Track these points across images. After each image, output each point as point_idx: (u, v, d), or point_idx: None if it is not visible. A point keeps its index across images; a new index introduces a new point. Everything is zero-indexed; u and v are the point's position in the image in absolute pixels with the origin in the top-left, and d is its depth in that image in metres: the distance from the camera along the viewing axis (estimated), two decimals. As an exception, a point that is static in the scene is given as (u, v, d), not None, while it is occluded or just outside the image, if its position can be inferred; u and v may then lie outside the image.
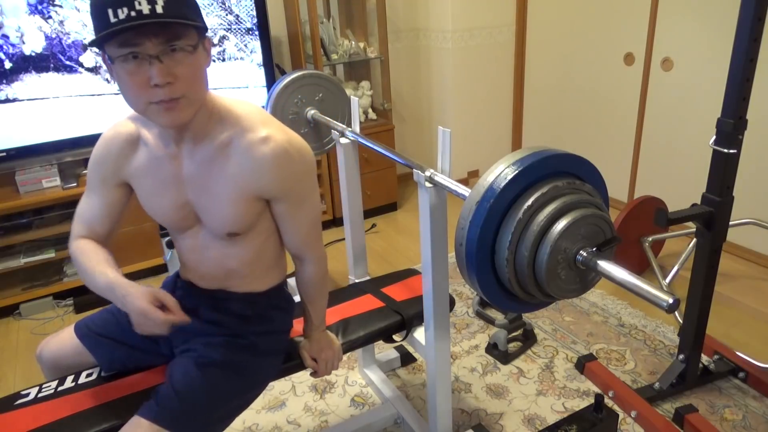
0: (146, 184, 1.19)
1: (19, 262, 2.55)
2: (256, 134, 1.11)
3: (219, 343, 1.24)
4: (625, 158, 3.21)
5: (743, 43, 1.51)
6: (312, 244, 1.29)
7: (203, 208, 1.17)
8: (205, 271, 1.27)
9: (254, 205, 1.16)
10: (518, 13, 3.60)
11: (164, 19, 0.94)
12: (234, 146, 1.11)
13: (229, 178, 1.12)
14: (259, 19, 2.86)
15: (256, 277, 1.29)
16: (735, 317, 2.36)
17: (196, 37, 1.02)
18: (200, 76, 1.05)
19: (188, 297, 1.28)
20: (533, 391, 1.99)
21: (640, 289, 0.94)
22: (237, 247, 1.22)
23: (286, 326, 1.40)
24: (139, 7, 0.93)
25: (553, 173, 1.04)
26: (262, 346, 1.30)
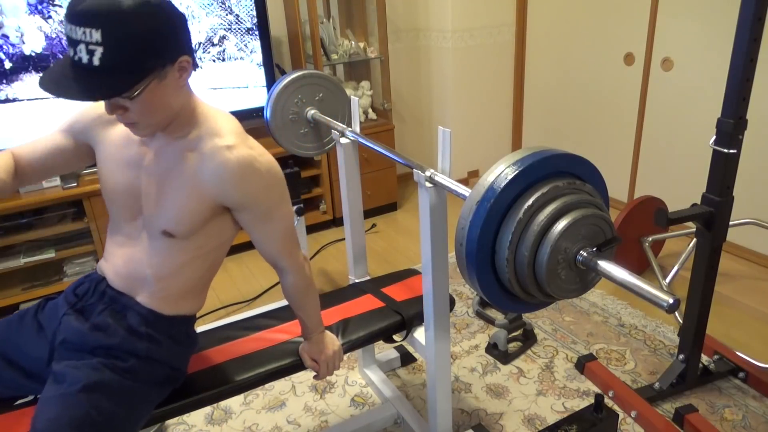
0: (109, 157, 1.19)
1: (19, 262, 2.55)
2: (222, 141, 1.11)
3: (93, 366, 1.14)
4: (625, 158, 3.21)
5: (743, 43, 1.51)
6: (286, 255, 1.27)
7: (149, 199, 1.16)
8: (123, 270, 1.23)
9: (206, 209, 1.15)
10: (518, 13, 3.60)
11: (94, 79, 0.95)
12: (199, 148, 1.12)
13: (186, 177, 1.12)
14: (259, 19, 2.86)
15: (169, 298, 1.23)
16: (735, 317, 2.36)
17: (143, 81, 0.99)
18: (154, 108, 1.04)
19: (92, 293, 1.25)
20: (533, 391, 1.99)
21: (640, 289, 0.94)
22: (162, 256, 1.19)
23: (175, 362, 1.27)
24: (79, 54, 0.94)
25: (554, 173, 1.04)
26: (140, 374, 1.18)
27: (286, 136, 2.11)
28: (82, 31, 0.92)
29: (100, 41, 0.92)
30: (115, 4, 0.92)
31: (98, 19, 0.92)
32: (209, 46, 2.80)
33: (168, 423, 1.92)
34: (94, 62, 0.94)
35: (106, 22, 0.92)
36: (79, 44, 0.93)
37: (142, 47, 0.96)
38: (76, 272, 2.68)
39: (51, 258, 2.59)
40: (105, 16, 0.92)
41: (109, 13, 0.92)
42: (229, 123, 1.16)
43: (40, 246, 2.63)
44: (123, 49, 0.95)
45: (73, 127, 1.24)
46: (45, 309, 1.29)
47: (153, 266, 1.20)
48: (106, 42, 0.93)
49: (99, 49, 0.93)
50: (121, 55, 0.95)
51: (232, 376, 1.38)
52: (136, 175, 1.17)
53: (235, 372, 1.39)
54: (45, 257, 2.58)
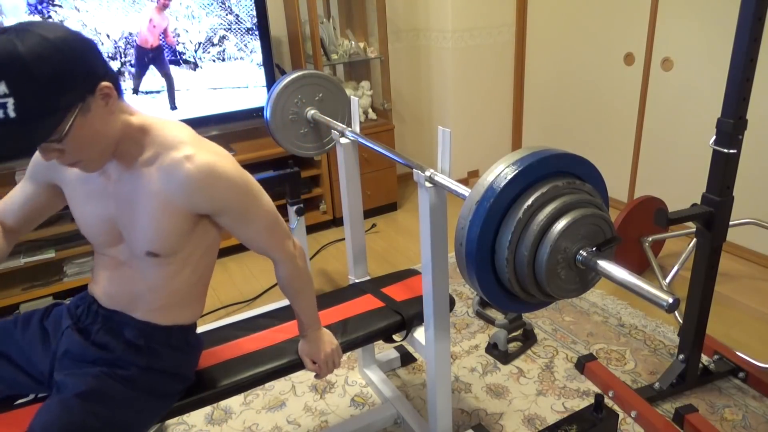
0: (77, 193, 1.18)
1: (19, 262, 2.55)
2: (179, 153, 1.09)
3: (93, 374, 1.14)
4: (625, 158, 3.21)
5: (743, 43, 1.51)
6: (275, 247, 1.27)
7: (125, 225, 1.15)
8: (113, 290, 1.23)
9: (181, 223, 1.14)
10: (518, 13, 3.60)
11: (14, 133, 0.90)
12: (157, 164, 1.10)
13: (153, 195, 1.10)
14: (259, 19, 2.86)
15: (162, 308, 1.23)
16: (735, 317, 2.36)
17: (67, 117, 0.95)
18: (86, 143, 1.01)
19: (87, 314, 1.25)
20: (533, 391, 1.99)
21: (640, 289, 0.94)
22: (152, 271, 1.18)
23: (178, 369, 1.27)
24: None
25: (553, 173, 1.04)
26: (141, 383, 1.19)
27: (286, 136, 2.11)
28: None
29: (8, 93, 0.88)
30: (12, 52, 0.88)
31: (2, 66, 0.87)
32: (209, 46, 2.80)
33: (168, 423, 1.92)
34: (10, 115, 0.89)
35: (9, 72, 0.88)
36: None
37: (53, 87, 0.92)
38: (76, 272, 2.68)
39: (51, 258, 2.59)
40: (5, 65, 0.88)
41: (9, 62, 0.88)
42: (181, 132, 1.13)
43: (40, 246, 2.63)
44: (34, 94, 0.90)
45: (35, 174, 1.22)
46: (51, 315, 1.29)
47: (145, 283, 1.20)
48: (15, 91, 0.88)
49: (10, 101, 0.88)
50: (35, 101, 0.90)
51: (232, 375, 1.38)
52: (105, 205, 1.15)
53: (235, 372, 1.39)
54: (45, 257, 2.58)
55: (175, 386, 1.27)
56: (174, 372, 1.26)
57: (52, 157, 1.00)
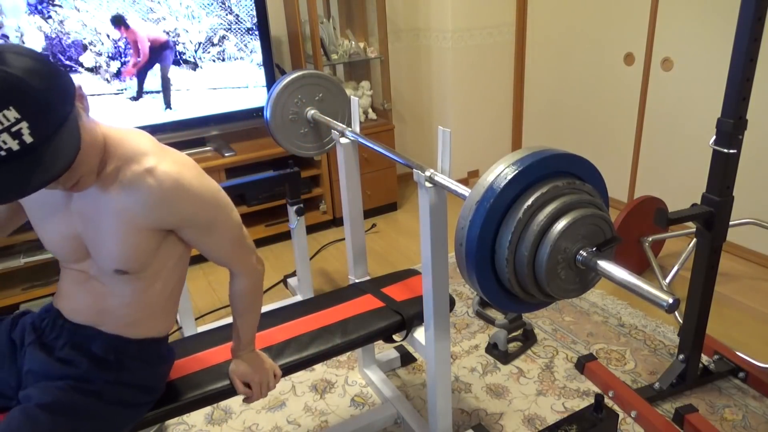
0: (37, 210, 1.14)
1: (19, 262, 2.55)
2: (140, 166, 1.05)
3: (58, 387, 1.10)
4: (625, 158, 3.21)
5: (743, 43, 1.51)
6: (238, 260, 1.23)
7: (91, 242, 1.11)
8: (80, 304, 1.19)
9: (148, 240, 1.10)
10: (518, 13, 3.60)
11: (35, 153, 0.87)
12: (119, 180, 1.05)
13: (116, 213, 1.06)
14: (259, 19, 2.86)
15: (133, 322, 1.20)
16: (735, 317, 2.36)
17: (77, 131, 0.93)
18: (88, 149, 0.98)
19: (52, 328, 1.20)
20: (533, 391, 1.99)
21: (640, 289, 0.94)
22: (121, 286, 1.16)
23: (147, 382, 1.23)
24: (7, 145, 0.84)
25: (553, 173, 1.04)
26: (109, 396, 1.15)
27: (286, 136, 2.11)
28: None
29: (19, 117, 0.84)
30: (6, 76, 0.84)
31: (3, 99, 0.84)
32: (209, 46, 2.80)
33: (168, 423, 1.92)
34: (27, 141, 0.85)
35: (13, 95, 0.84)
36: (1, 134, 0.83)
37: (54, 98, 0.89)
38: (76, 272, 2.68)
39: (51, 258, 2.59)
40: (6, 91, 0.84)
41: (8, 86, 0.84)
42: (142, 142, 1.09)
43: (40, 246, 2.63)
44: (44, 111, 0.87)
45: None
46: (17, 326, 1.24)
47: (114, 299, 1.17)
48: (26, 114, 0.85)
49: (24, 125, 0.85)
50: (47, 117, 0.87)
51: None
52: (69, 222, 1.11)
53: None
54: (45, 257, 2.58)
55: (145, 398, 1.23)
56: (144, 384, 1.22)
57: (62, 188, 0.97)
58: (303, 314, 1.64)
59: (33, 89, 0.86)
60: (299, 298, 2.51)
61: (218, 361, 1.42)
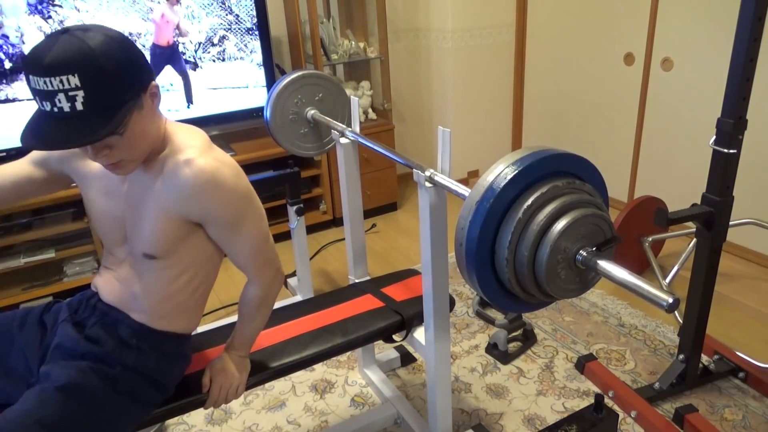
0: (93, 186, 1.21)
1: (19, 262, 2.55)
2: (181, 156, 1.11)
3: (78, 367, 1.13)
4: (625, 158, 3.21)
5: (743, 43, 1.51)
6: (255, 269, 1.25)
7: (130, 225, 1.18)
8: (113, 287, 1.25)
9: (177, 228, 1.14)
10: (518, 13, 3.60)
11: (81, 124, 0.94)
12: (164, 168, 1.12)
13: (154, 197, 1.12)
14: (259, 19, 2.86)
15: (157, 312, 1.23)
16: (735, 317, 2.36)
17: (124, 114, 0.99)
18: (138, 139, 1.05)
19: (86, 307, 1.26)
20: (533, 391, 1.99)
21: (640, 289, 0.94)
22: (149, 273, 1.19)
23: (161, 377, 1.24)
24: (59, 104, 0.93)
25: (553, 173, 1.04)
26: (123, 384, 1.17)
27: (286, 136, 2.11)
28: (59, 81, 0.91)
29: (79, 86, 0.92)
30: (84, 48, 0.93)
31: (72, 65, 0.92)
32: (209, 46, 2.80)
33: (168, 423, 1.92)
34: (78, 108, 0.93)
35: (81, 66, 0.92)
36: (57, 95, 0.92)
37: (118, 82, 0.97)
38: (76, 272, 2.68)
39: (51, 258, 2.59)
40: (78, 60, 0.92)
41: (81, 57, 0.92)
42: (192, 137, 1.15)
43: (40, 246, 2.63)
44: (102, 88, 0.95)
45: (47, 160, 1.24)
46: (51, 311, 1.30)
47: (142, 286, 1.21)
48: (86, 85, 0.93)
49: (80, 93, 0.93)
50: (103, 95, 0.95)
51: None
52: (116, 203, 1.18)
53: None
54: (45, 257, 2.58)
55: (155, 395, 1.24)
56: (156, 379, 1.24)
57: (101, 154, 1.02)
58: (303, 314, 1.64)
59: (101, 67, 0.94)
60: (299, 298, 2.51)
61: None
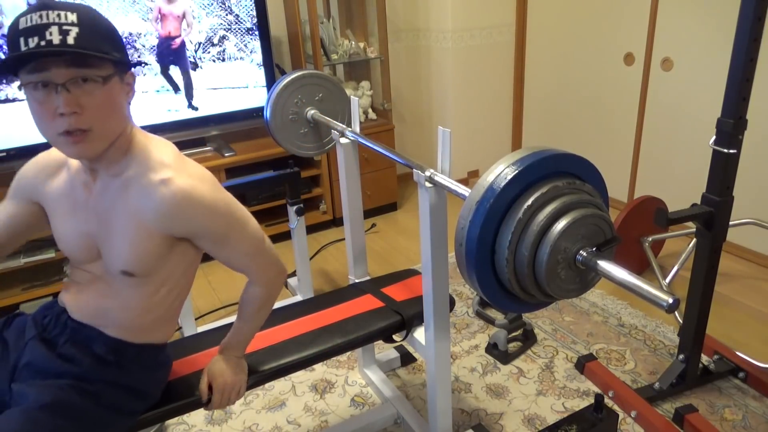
0: (57, 207, 1.17)
1: (19, 262, 2.55)
2: (157, 175, 1.08)
3: (58, 386, 1.11)
4: (625, 158, 3.21)
5: (743, 43, 1.51)
6: (255, 271, 1.24)
7: (102, 241, 1.14)
8: (85, 303, 1.20)
9: (159, 245, 1.12)
10: (518, 13, 3.60)
11: (72, 49, 0.95)
12: (136, 184, 1.09)
13: (129, 216, 1.09)
14: (259, 19, 2.86)
15: (134, 327, 1.20)
16: (735, 317, 2.36)
17: (111, 69, 1.01)
18: (112, 109, 1.03)
19: (55, 324, 1.21)
20: (533, 391, 1.99)
21: (640, 289, 0.94)
22: (126, 289, 1.16)
23: (144, 386, 1.23)
24: (49, 37, 0.94)
25: (553, 173, 1.04)
26: (106, 398, 1.15)
27: (286, 136, 2.11)
28: (56, 14, 0.94)
29: (75, 22, 0.95)
30: (84, 4, 1.00)
31: (73, 5, 0.97)
32: (209, 46, 2.80)
33: (168, 423, 1.92)
34: (68, 41, 0.95)
35: (81, 9, 0.98)
36: (50, 27, 0.94)
37: (110, 37, 1.02)
38: (76, 272, 2.68)
39: (51, 258, 2.59)
40: (79, 7, 0.98)
41: (82, 7, 0.99)
42: (164, 153, 1.12)
43: (40, 246, 2.63)
44: (97, 34, 0.99)
45: (18, 192, 1.21)
46: (12, 326, 1.25)
47: (119, 302, 1.18)
48: (82, 23, 0.96)
49: (74, 29, 0.95)
50: (97, 38, 0.98)
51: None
52: (84, 220, 1.14)
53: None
54: (45, 257, 2.58)
55: (139, 404, 1.23)
56: (139, 389, 1.22)
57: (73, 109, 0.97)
58: (303, 314, 1.64)
59: (98, 19, 1.01)
60: (299, 298, 2.51)
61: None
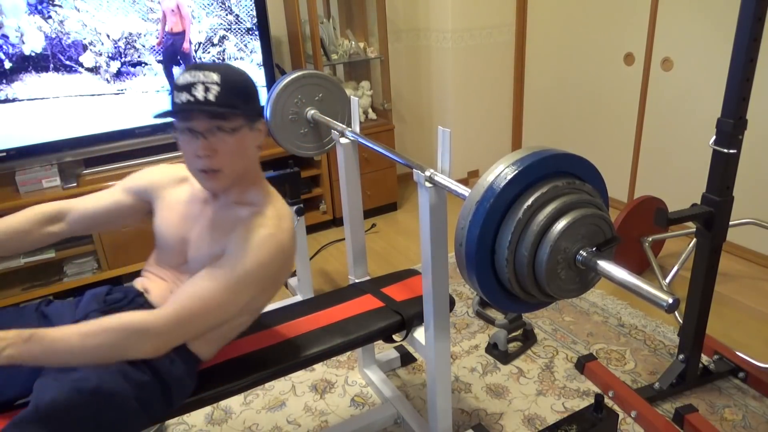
0: (170, 211, 1.35)
1: (19, 262, 2.55)
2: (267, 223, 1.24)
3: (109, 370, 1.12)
4: (625, 158, 3.21)
5: (743, 43, 1.51)
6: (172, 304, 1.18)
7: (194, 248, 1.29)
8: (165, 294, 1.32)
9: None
10: (518, 13, 3.60)
11: (207, 108, 1.15)
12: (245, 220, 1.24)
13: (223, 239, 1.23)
14: (259, 19, 2.86)
15: None
16: (735, 317, 2.36)
17: (242, 121, 1.21)
18: (239, 154, 1.23)
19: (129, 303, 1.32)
20: (533, 391, 1.99)
21: (640, 289, 0.94)
22: None
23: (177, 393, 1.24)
24: (195, 93, 1.15)
25: (553, 173, 1.04)
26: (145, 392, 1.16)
27: (286, 136, 2.11)
28: (202, 74, 1.16)
29: (218, 82, 1.16)
30: (227, 65, 1.23)
31: (218, 68, 1.19)
32: (209, 46, 2.80)
33: (168, 423, 1.92)
34: (209, 98, 1.15)
35: (224, 71, 1.18)
36: (196, 84, 1.15)
37: (246, 94, 1.22)
38: (75, 272, 2.68)
39: (51, 258, 2.59)
40: (221, 68, 1.19)
41: (225, 67, 1.20)
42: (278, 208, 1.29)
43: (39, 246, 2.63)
44: (234, 91, 1.18)
45: (135, 186, 1.42)
46: (50, 305, 1.34)
47: None
48: (223, 83, 1.16)
49: (215, 88, 1.16)
50: (232, 95, 1.17)
51: (231, 376, 1.38)
52: (190, 228, 1.31)
53: (235, 372, 1.39)
54: (45, 257, 2.58)
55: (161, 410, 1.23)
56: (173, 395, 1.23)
57: (207, 153, 1.18)
58: (303, 314, 1.64)
59: (237, 78, 1.20)
60: (299, 298, 2.51)
61: (217, 362, 1.42)
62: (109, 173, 2.75)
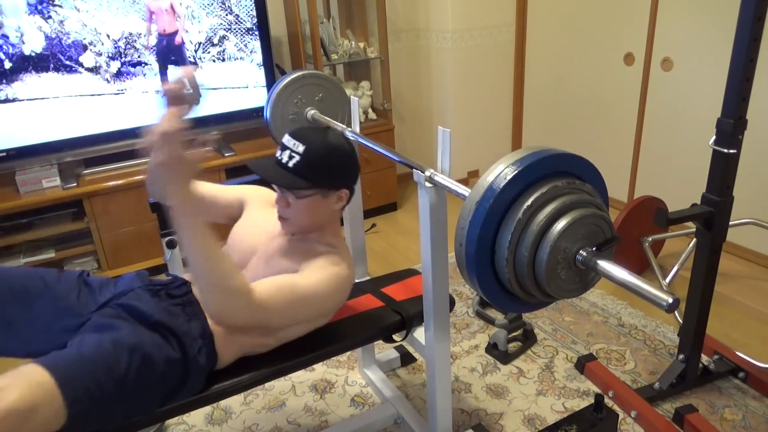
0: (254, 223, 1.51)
1: (19, 262, 2.55)
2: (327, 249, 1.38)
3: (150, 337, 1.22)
4: (625, 158, 3.21)
5: (743, 43, 1.51)
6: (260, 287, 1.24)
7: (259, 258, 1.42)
8: None
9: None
10: (518, 13, 3.60)
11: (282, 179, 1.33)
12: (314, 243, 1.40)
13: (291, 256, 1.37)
14: (259, 19, 2.86)
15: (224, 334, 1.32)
16: (735, 317, 2.36)
17: (312, 191, 1.35)
18: (305, 213, 1.37)
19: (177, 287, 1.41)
20: (533, 391, 1.99)
21: (640, 289, 0.94)
22: None
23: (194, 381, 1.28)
24: (283, 155, 1.34)
25: (553, 173, 1.04)
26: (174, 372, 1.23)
27: (286, 136, 2.11)
28: (294, 143, 1.33)
29: (300, 153, 1.31)
30: (323, 136, 1.36)
31: (307, 140, 1.32)
32: (209, 46, 2.80)
33: (168, 423, 1.92)
34: (290, 165, 1.32)
35: (310, 144, 1.32)
36: (286, 150, 1.33)
37: (323, 169, 1.34)
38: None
39: (51, 258, 2.59)
40: (312, 140, 1.33)
41: (316, 139, 1.34)
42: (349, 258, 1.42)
43: (40, 246, 2.63)
44: (311, 164, 1.32)
45: (242, 193, 1.58)
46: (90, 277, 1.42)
47: None
48: (304, 155, 1.31)
49: (297, 158, 1.31)
50: (308, 167, 1.32)
51: (231, 375, 1.38)
52: (265, 241, 1.45)
53: (235, 372, 1.39)
54: (45, 257, 2.58)
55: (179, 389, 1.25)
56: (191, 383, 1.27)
57: (281, 203, 1.38)
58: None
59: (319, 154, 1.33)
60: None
61: (218, 361, 1.42)
62: (109, 173, 2.75)
